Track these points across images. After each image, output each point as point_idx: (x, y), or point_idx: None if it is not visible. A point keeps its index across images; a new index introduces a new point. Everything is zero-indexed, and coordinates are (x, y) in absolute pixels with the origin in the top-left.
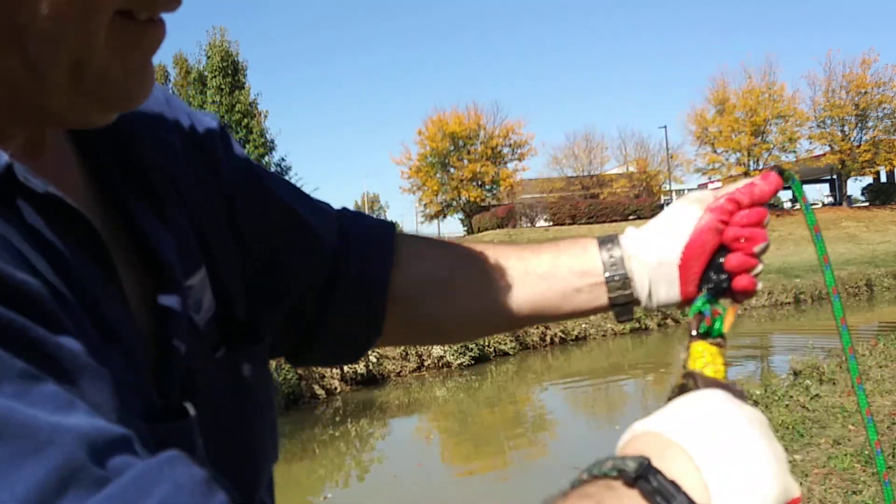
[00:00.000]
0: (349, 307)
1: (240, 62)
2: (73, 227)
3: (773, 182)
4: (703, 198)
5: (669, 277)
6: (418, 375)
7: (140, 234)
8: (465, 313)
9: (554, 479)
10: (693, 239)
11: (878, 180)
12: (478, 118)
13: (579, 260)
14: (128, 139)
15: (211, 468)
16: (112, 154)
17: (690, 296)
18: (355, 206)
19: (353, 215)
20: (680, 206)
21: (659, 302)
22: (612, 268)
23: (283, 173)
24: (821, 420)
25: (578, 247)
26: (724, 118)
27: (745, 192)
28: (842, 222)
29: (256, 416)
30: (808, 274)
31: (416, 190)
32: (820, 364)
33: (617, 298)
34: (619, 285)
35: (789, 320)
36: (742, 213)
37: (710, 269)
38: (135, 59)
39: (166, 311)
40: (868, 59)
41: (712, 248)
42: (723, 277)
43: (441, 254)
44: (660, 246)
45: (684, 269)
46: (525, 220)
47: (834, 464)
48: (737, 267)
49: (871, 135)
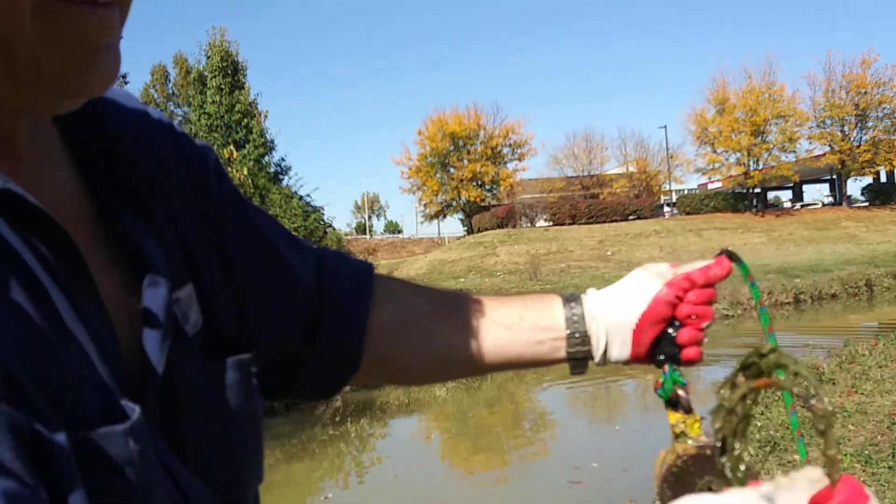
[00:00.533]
0: (329, 347)
1: (240, 62)
2: (35, 224)
3: (725, 267)
4: (663, 272)
5: (623, 339)
6: None
7: (125, 237)
8: (433, 357)
9: (554, 479)
10: (650, 308)
11: (878, 180)
12: (478, 118)
13: (544, 315)
14: (123, 149)
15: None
16: (105, 162)
17: (639, 356)
18: (355, 206)
19: (334, 255)
20: (641, 276)
21: (610, 359)
22: (573, 325)
23: (283, 173)
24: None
25: (544, 303)
26: (724, 118)
27: (701, 274)
28: (842, 222)
29: (242, 430)
30: (808, 274)
31: (416, 190)
32: (820, 364)
33: (575, 353)
34: (577, 342)
35: (789, 320)
36: (695, 291)
37: (662, 340)
38: (77, 46)
39: (148, 312)
40: (868, 59)
41: (665, 319)
42: (675, 350)
43: (414, 297)
44: (619, 309)
45: (638, 333)
46: (525, 220)
47: None
48: (687, 341)
49: (871, 135)
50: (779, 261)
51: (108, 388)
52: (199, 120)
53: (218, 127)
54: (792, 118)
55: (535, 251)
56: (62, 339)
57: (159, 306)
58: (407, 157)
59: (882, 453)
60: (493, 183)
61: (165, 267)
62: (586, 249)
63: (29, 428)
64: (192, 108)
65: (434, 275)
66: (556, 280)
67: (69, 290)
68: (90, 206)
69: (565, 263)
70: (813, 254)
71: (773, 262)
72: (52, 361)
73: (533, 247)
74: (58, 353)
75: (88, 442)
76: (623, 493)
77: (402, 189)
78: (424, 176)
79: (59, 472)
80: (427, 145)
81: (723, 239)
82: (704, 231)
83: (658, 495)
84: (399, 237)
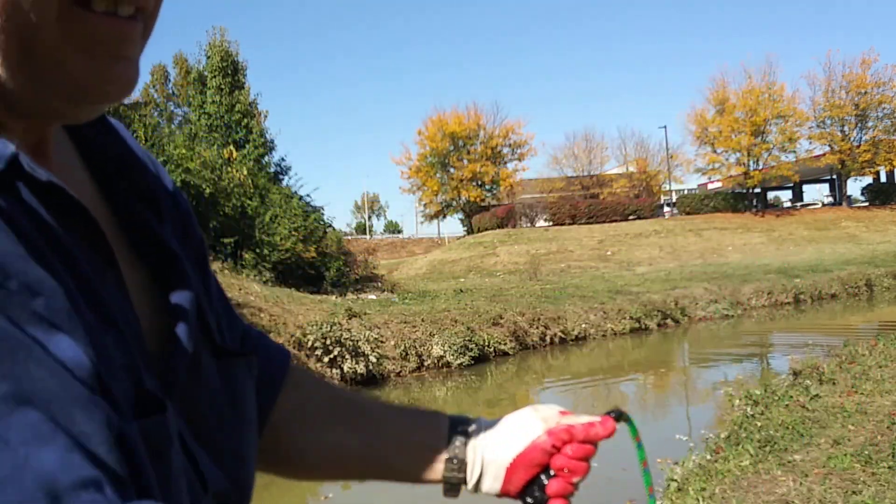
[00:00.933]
0: None
1: (240, 62)
2: (72, 215)
3: (609, 428)
4: (549, 417)
5: (496, 474)
6: (418, 375)
7: (147, 233)
8: (317, 454)
9: None
10: (526, 451)
11: (877, 180)
12: (478, 118)
13: (431, 435)
14: (136, 158)
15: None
16: (118, 168)
17: (509, 493)
18: (355, 206)
19: (258, 333)
20: (528, 416)
21: (481, 490)
22: (454, 450)
23: (283, 173)
24: (821, 420)
25: (435, 423)
26: (724, 118)
27: (582, 430)
28: (842, 222)
29: (251, 426)
30: (808, 274)
31: (416, 190)
32: (820, 364)
33: (450, 478)
34: (454, 467)
35: (789, 320)
36: (573, 445)
37: (535, 484)
38: (97, 52)
39: (177, 303)
40: (868, 59)
41: (539, 465)
42: (544, 498)
43: (317, 392)
44: (498, 445)
45: (510, 471)
46: (525, 219)
47: (834, 464)
48: (555, 492)
49: (871, 135)
50: (779, 261)
51: (142, 376)
52: (199, 120)
53: (218, 127)
54: (792, 118)
55: (535, 251)
56: (106, 329)
57: (187, 299)
58: (407, 157)
59: (882, 453)
60: (493, 183)
61: (188, 264)
62: (586, 249)
63: (118, 424)
64: (192, 108)
65: (434, 275)
66: (556, 280)
67: (102, 282)
68: (106, 208)
69: (565, 263)
70: (813, 254)
71: (773, 262)
72: (106, 352)
73: (533, 247)
74: (107, 343)
75: (145, 430)
76: (623, 492)
77: (402, 189)
78: (424, 176)
79: (140, 464)
80: (427, 145)
81: (723, 238)
82: (704, 231)
83: None
84: (399, 237)
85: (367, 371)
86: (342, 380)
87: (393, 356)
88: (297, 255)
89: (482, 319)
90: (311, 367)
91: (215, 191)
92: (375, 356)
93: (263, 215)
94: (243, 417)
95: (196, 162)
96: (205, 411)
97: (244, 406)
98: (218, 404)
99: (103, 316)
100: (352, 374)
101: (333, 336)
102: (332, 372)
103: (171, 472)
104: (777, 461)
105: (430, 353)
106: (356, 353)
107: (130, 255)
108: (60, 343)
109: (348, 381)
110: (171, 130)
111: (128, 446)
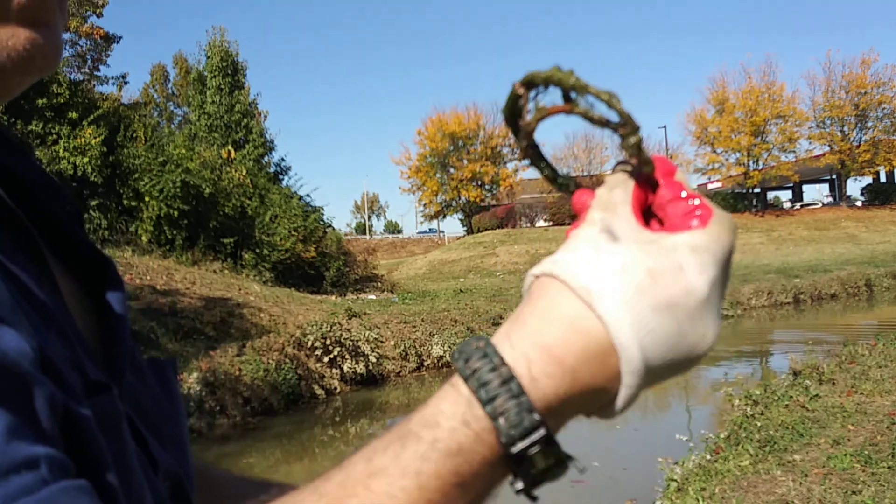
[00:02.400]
0: None
1: (239, 62)
2: (5, 224)
3: None
4: None
5: None
6: (418, 375)
7: (79, 245)
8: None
9: None
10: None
11: (877, 180)
12: (477, 118)
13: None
14: (54, 185)
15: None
16: (45, 193)
17: None
18: (355, 206)
19: None
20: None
21: None
22: None
23: (283, 173)
24: (820, 420)
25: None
26: (723, 118)
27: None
28: (841, 222)
29: (183, 420)
30: (808, 274)
31: (415, 190)
32: (819, 364)
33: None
34: None
35: (789, 320)
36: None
37: None
38: (15, 17)
39: (112, 308)
40: (868, 59)
41: None
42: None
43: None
44: None
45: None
46: (525, 220)
47: (833, 464)
48: None
49: (871, 135)
50: (778, 261)
51: (86, 366)
52: (199, 120)
53: (218, 127)
54: (792, 118)
55: (535, 251)
56: (48, 327)
57: (119, 301)
58: (407, 157)
59: (882, 453)
60: (493, 183)
61: (116, 272)
62: None
63: (64, 403)
64: (191, 108)
65: (434, 275)
66: None
67: (38, 285)
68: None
69: None
70: (812, 254)
71: (772, 262)
72: (52, 346)
73: (532, 247)
74: (49, 336)
75: (98, 408)
76: (624, 492)
77: (402, 189)
78: (424, 176)
79: (89, 441)
80: (427, 145)
81: None
82: None
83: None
84: (399, 237)
85: (367, 371)
86: (342, 380)
87: (393, 356)
88: (297, 255)
89: (482, 319)
90: (311, 367)
91: (215, 191)
92: (375, 356)
93: (263, 215)
94: (178, 410)
95: (196, 162)
96: (147, 404)
97: (177, 400)
98: (157, 398)
99: (44, 315)
100: (351, 374)
101: (333, 336)
102: (332, 372)
103: (125, 448)
104: (777, 461)
105: (429, 353)
106: (356, 353)
107: (58, 265)
108: (4, 336)
109: (348, 381)
110: (171, 130)
111: (77, 424)
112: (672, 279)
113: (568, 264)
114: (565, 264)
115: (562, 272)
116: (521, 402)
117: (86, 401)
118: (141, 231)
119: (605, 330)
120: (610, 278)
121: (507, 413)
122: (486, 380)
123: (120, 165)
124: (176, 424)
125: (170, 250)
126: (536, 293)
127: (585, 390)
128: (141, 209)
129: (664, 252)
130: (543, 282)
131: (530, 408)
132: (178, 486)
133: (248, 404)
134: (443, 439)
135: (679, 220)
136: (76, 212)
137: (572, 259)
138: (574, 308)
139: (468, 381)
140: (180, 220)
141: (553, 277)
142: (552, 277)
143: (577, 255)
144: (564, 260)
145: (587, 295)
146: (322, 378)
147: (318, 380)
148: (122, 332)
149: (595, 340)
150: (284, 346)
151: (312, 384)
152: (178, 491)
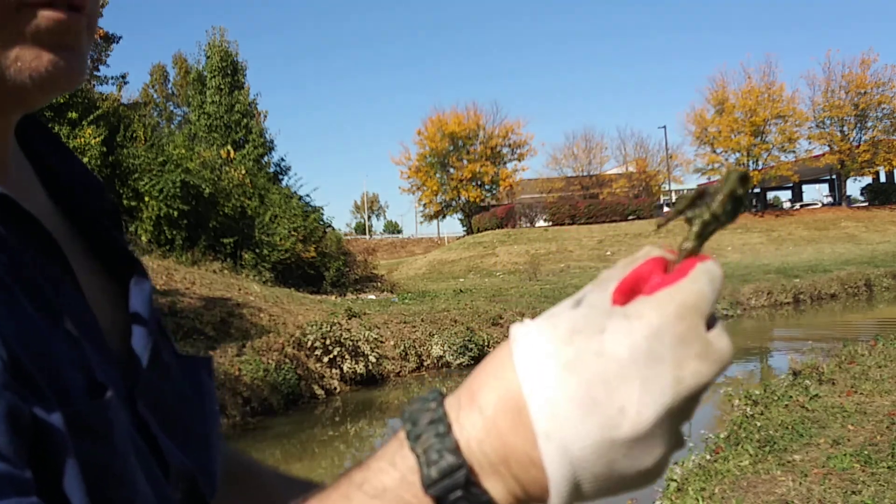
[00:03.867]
0: None
1: (239, 62)
2: (25, 226)
3: None
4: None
5: None
6: (418, 375)
7: (109, 244)
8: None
9: None
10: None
11: (877, 180)
12: (477, 118)
13: None
14: (94, 183)
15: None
16: (74, 186)
17: None
18: (355, 206)
19: None
20: None
21: None
22: None
23: (283, 173)
24: (820, 420)
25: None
26: (723, 118)
27: None
28: (841, 222)
29: (214, 420)
30: (808, 274)
31: (415, 190)
32: (819, 364)
33: None
34: None
35: (789, 320)
36: None
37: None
38: (44, 41)
39: (135, 307)
40: (867, 59)
41: None
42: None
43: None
44: None
45: None
46: (524, 220)
47: (833, 464)
48: None
49: (871, 135)
50: (778, 261)
51: (91, 369)
52: (199, 120)
53: (217, 127)
54: (791, 118)
55: (535, 251)
56: (52, 326)
57: (144, 302)
58: (406, 157)
59: (882, 453)
60: (493, 183)
61: (145, 272)
62: (586, 249)
63: (29, 413)
64: (191, 108)
65: (434, 275)
66: (556, 280)
67: (56, 287)
68: (64, 222)
69: (565, 263)
70: (812, 254)
71: (772, 263)
72: (46, 346)
73: (532, 247)
74: (49, 338)
75: (77, 416)
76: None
77: (402, 189)
78: (424, 176)
79: (55, 451)
80: (426, 145)
81: (722, 238)
82: None
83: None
84: (399, 237)
85: (367, 371)
86: (341, 380)
87: (392, 356)
88: (297, 255)
89: (482, 319)
90: (310, 367)
91: (215, 191)
92: (375, 356)
93: (263, 215)
94: (208, 409)
95: (195, 162)
96: (171, 402)
97: (208, 399)
98: (183, 396)
99: (49, 316)
100: (351, 374)
101: (333, 336)
102: (332, 372)
103: (114, 453)
104: (776, 461)
105: (429, 353)
106: (356, 353)
107: (92, 263)
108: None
109: (348, 381)
110: (171, 130)
111: (45, 436)
112: (585, 338)
113: (527, 321)
114: (527, 324)
115: (514, 326)
116: (444, 441)
117: (90, 402)
118: (141, 231)
119: (518, 381)
120: (537, 336)
121: (429, 450)
122: (416, 419)
123: (120, 165)
124: (203, 424)
125: (169, 250)
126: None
127: (509, 448)
128: (141, 209)
129: (601, 316)
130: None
131: (453, 448)
132: (193, 487)
133: (248, 404)
134: (368, 480)
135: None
136: (114, 210)
137: (537, 320)
138: (503, 359)
139: (404, 423)
140: (180, 220)
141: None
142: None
143: (543, 315)
144: (531, 322)
145: (513, 344)
146: (322, 378)
147: (318, 380)
148: (138, 330)
149: (509, 393)
150: (284, 346)
151: (312, 384)
152: (192, 492)
